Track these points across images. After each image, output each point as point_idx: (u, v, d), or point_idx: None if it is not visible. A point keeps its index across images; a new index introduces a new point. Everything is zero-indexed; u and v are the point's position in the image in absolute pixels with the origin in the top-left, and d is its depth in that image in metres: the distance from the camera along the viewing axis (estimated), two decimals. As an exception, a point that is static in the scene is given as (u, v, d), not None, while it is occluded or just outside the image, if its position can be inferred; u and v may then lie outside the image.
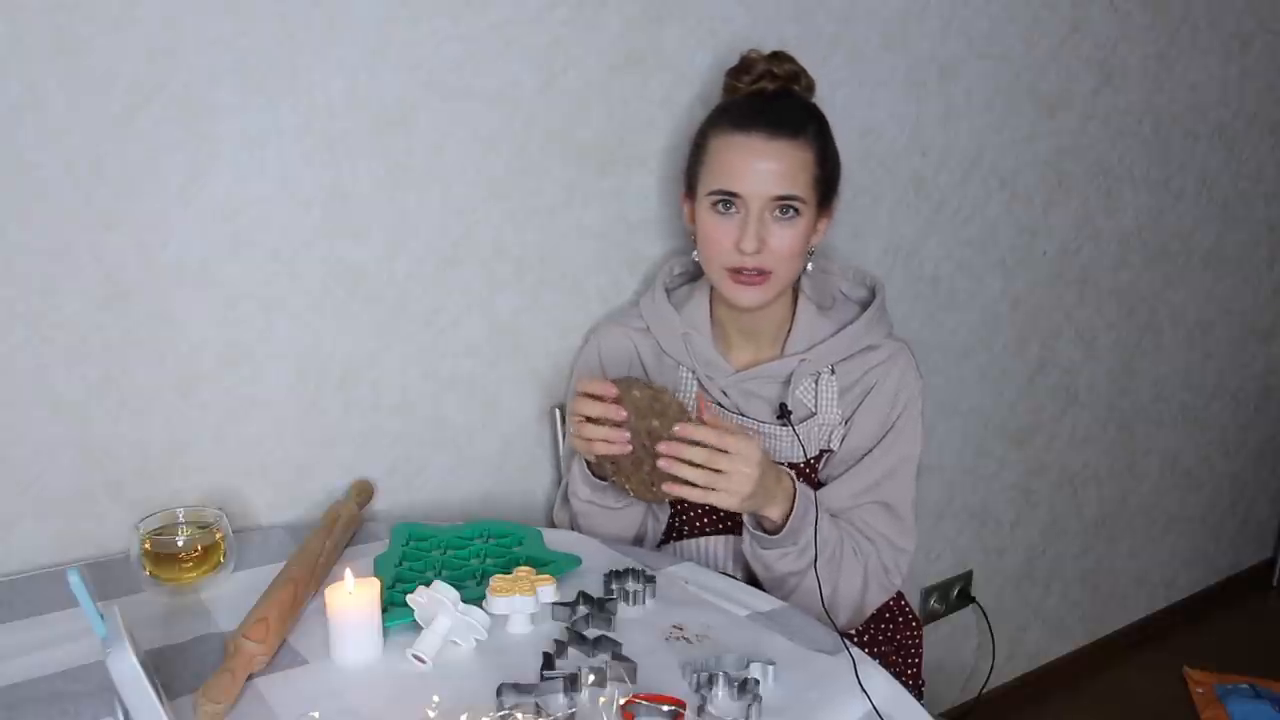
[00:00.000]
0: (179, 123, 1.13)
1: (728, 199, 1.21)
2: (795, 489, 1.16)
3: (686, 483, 1.10)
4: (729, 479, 1.09)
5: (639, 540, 1.31)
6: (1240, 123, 2.33)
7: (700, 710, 0.89)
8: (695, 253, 1.29)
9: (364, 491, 1.31)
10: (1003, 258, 1.95)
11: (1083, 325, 2.15)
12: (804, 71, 1.29)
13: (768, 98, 1.26)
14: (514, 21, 1.30)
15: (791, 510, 1.15)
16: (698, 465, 1.09)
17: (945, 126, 1.77)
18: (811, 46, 1.56)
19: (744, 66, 1.29)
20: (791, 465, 1.29)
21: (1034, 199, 1.96)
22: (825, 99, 1.60)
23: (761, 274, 1.21)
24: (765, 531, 1.18)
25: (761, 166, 1.19)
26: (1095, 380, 2.22)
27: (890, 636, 1.41)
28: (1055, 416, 2.17)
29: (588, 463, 1.23)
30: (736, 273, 1.22)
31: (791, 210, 1.20)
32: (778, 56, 1.29)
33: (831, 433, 1.29)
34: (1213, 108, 2.25)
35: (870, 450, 1.27)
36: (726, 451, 1.08)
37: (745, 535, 1.21)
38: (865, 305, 1.33)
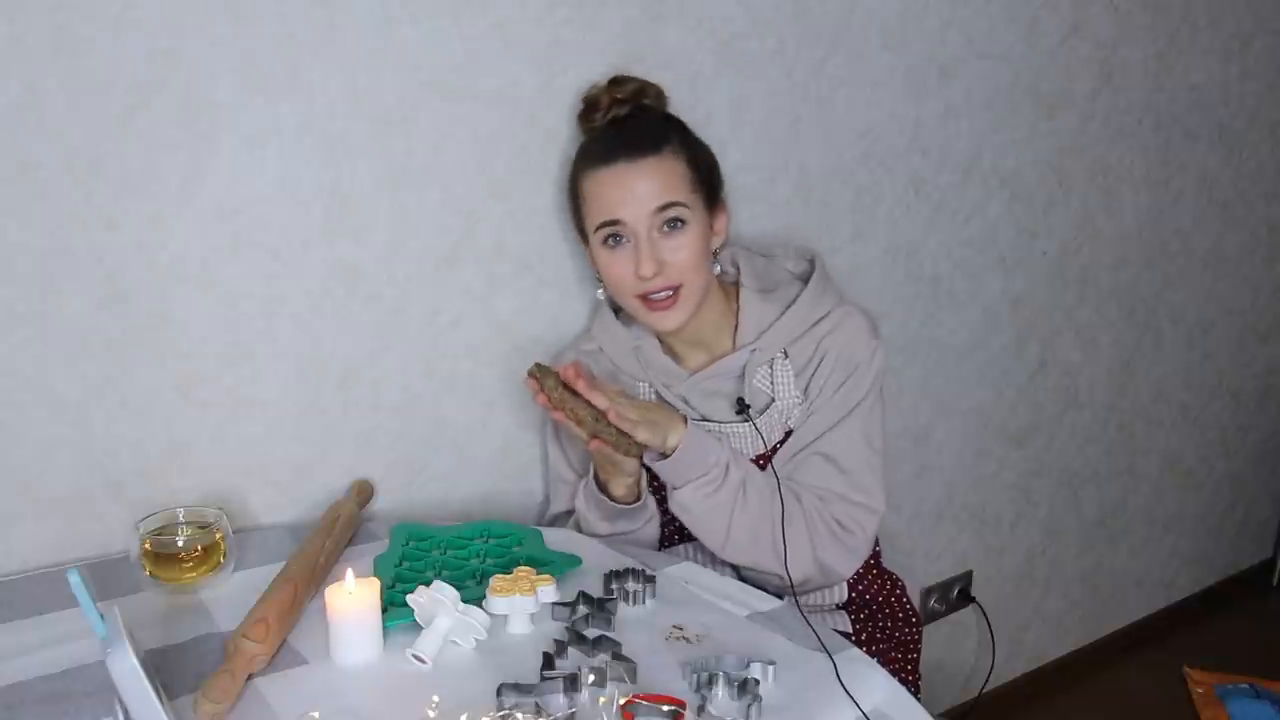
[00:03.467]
0: (179, 123, 1.13)
1: (614, 230, 1.22)
2: (688, 420, 1.20)
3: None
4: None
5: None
6: (1240, 123, 2.33)
7: (700, 710, 0.89)
8: (600, 291, 1.31)
9: (364, 491, 1.31)
10: (1003, 258, 1.95)
11: (1083, 325, 2.15)
12: (646, 84, 1.30)
13: (622, 123, 1.27)
14: (514, 21, 1.30)
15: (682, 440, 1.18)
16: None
17: (945, 126, 1.77)
18: (811, 46, 1.56)
19: (590, 105, 1.31)
20: (760, 456, 1.29)
21: (1034, 199, 1.96)
22: (825, 99, 1.61)
23: (671, 293, 1.22)
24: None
25: (634, 189, 1.20)
26: (1095, 380, 2.22)
27: (890, 634, 1.41)
28: (1055, 416, 2.17)
29: (595, 483, 1.25)
30: (646, 299, 1.23)
31: (678, 220, 1.21)
32: (616, 82, 1.30)
33: (790, 414, 1.29)
34: (1213, 108, 2.25)
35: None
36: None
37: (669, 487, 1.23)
38: (808, 280, 1.32)
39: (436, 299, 1.34)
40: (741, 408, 1.27)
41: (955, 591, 2.09)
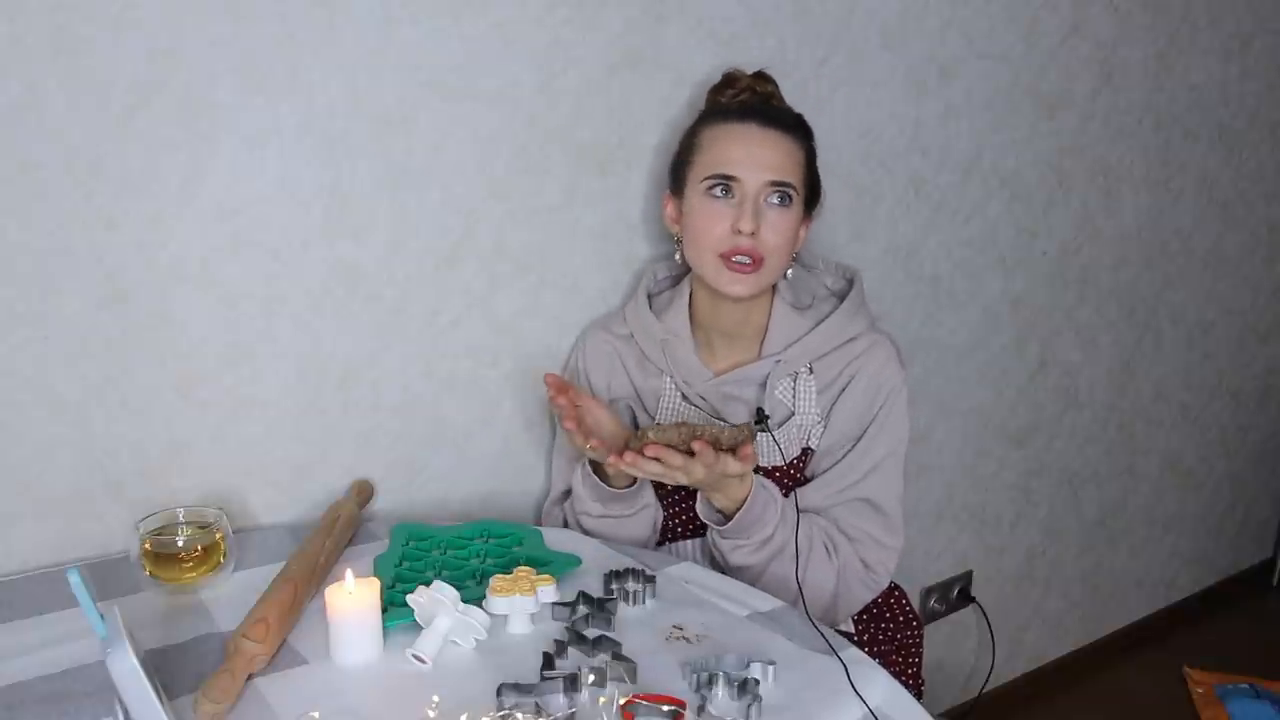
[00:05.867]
0: (179, 123, 1.13)
1: (725, 183, 1.22)
2: (752, 485, 1.17)
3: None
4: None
5: (650, 542, 1.31)
6: (1240, 123, 2.33)
7: (700, 710, 0.89)
8: (677, 255, 1.30)
9: (364, 491, 1.31)
10: (1003, 258, 1.95)
11: (1083, 325, 2.15)
12: (781, 96, 1.32)
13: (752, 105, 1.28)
14: (514, 21, 1.30)
15: (744, 502, 1.16)
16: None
17: (945, 126, 1.77)
18: (811, 46, 1.56)
19: (727, 82, 1.32)
20: (774, 468, 1.28)
21: (1034, 199, 1.96)
22: (825, 99, 1.60)
23: (754, 261, 1.21)
24: (717, 519, 1.19)
25: (758, 152, 1.21)
26: (1095, 380, 2.23)
27: (891, 636, 1.41)
28: (1055, 416, 2.17)
29: (591, 466, 1.23)
30: (729, 259, 1.22)
31: (787, 197, 1.22)
32: (761, 76, 1.32)
33: (810, 431, 1.29)
34: (1213, 108, 2.25)
35: (853, 446, 1.27)
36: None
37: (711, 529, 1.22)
38: (844, 298, 1.32)
39: (436, 299, 1.34)
40: (760, 418, 1.27)
41: (955, 591, 2.09)
